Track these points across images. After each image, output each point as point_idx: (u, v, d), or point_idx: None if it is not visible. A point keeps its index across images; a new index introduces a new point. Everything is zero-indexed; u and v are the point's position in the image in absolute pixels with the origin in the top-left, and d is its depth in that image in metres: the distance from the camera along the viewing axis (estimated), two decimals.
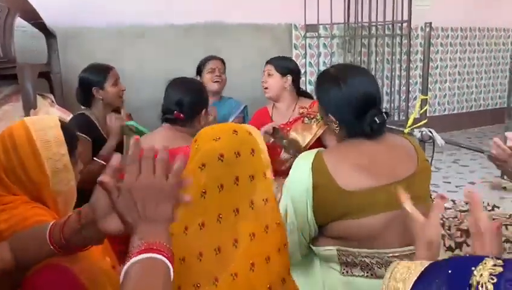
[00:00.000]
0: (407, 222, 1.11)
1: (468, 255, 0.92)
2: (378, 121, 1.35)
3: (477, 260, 0.76)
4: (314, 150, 1.41)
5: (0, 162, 1.15)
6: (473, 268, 0.73)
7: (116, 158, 0.79)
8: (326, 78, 1.47)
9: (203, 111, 2.02)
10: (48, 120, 1.24)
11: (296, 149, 2.54)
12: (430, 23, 2.74)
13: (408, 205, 1.12)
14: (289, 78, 2.71)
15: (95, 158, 2.32)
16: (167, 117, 2.01)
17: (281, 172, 2.45)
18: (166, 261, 0.72)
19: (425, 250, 1.05)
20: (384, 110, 1.42)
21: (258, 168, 1.04)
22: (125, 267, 0.70)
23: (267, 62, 2.80)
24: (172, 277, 0.73)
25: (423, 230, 1.06)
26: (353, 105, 1.37)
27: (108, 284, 1.03)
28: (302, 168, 1.36)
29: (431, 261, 0.88)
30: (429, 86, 4.71)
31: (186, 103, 1.99)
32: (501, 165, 1.67)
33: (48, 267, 0.94)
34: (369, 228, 1.29)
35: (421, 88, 3.49)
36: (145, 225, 0.75)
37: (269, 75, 2.72)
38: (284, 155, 2.53)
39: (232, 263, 0.98)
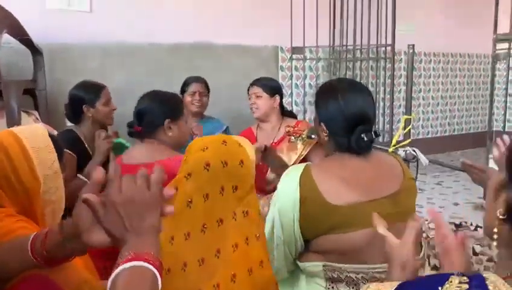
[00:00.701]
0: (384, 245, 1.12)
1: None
2: (365, 139, 1.37)
3: (443, 278, 0.76)
4: (303, 164, 1.42)
5: None
6: (440, 288, 0.74)
7: (98, 172, 0.79)
8: (327, 89, 1.51)
9: (166, 121, 1.92)
10: (35, 128, 1.23)
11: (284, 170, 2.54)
12: (413, 45, 2.82)
13: (381, 229, 1.13)
14: (277, 98, 2.74)
15: (78, 175, 2.29)
16: (130, 131, 2.00)
17: (266, 191, 2.45)
18: (154, 270, 0.72)
19: (400, 271, 1.06)
20: (374, 130, 1.44)
21: (245, 179, 1.04)
22: (113, 274, 0.70)
23: (253, 84, 2.81)
24: (160, 286, 0.72)
25: (397, 251, 1.08)
26: (345, 119, 1.39)
27: None
28: (290, 181, 1.36)
29: (399, 282, 0.89)
30: (413, 109, 4.79)
31: (144, 114, 1.95)
32: (476, 174, 1.73)
33: (29, 277, 0.92)
34: (355, 243, 1.30)
35: (404, 111, 3.55)
36: (133, 238, 0.75)
37: (257, 97, 2.73)
38: (269, 175, 2.53)
39: (215, 273, 0.97)
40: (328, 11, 4.09)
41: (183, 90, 3.02)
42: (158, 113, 1.94)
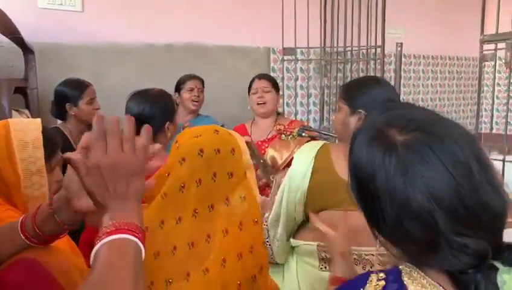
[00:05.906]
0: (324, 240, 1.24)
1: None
2: None
3: (364, 278, 0.80)
4: (321, 142, 1.49)
5: None
6: (362, 289, 0.77)
7: (86, 137, 0.75)
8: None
9: (167, 124, 1.92)
10: (30, 122, 1.24)
11: (271, 168, 2.57)
12: (401, 43, 2.89)
13: (321, 226, 1.21)
14: (280, 94, 2.78)
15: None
16: None
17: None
18: (138, 241, 0.70)
19: (341, 260, 1.18)
20: None
21: (238, 166, 1.06)
22: (95, 248, 0.68)
23: (260, 78, 2.81)
24: (143, 256, 0.71)
25: (335, 243, 1.16)
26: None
27: (81, 281, 1.01)
28: (306, 154, 1.46)
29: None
30: None
31: (145, 120, 1.92)
32: None
33: (19, 262, 0.92)
34: (356, 222, 1.32)
35: None
36: (116, 204, 0.72)
37: (266, 91, 2.73)
38: (259, 172, 2.56)
39: (204, 258, 0.99)
40: (319, 12, 4.13)
41: (178, 88, 3.05)
42: (159, 117, 1.86)
